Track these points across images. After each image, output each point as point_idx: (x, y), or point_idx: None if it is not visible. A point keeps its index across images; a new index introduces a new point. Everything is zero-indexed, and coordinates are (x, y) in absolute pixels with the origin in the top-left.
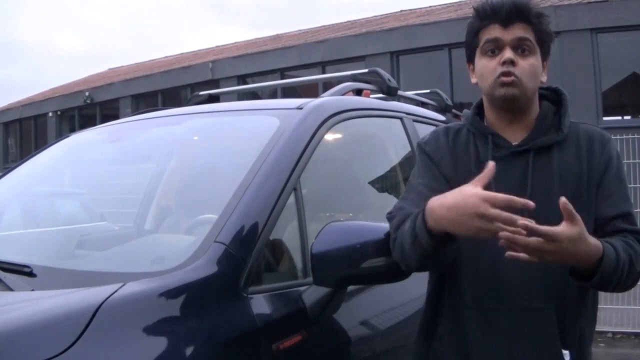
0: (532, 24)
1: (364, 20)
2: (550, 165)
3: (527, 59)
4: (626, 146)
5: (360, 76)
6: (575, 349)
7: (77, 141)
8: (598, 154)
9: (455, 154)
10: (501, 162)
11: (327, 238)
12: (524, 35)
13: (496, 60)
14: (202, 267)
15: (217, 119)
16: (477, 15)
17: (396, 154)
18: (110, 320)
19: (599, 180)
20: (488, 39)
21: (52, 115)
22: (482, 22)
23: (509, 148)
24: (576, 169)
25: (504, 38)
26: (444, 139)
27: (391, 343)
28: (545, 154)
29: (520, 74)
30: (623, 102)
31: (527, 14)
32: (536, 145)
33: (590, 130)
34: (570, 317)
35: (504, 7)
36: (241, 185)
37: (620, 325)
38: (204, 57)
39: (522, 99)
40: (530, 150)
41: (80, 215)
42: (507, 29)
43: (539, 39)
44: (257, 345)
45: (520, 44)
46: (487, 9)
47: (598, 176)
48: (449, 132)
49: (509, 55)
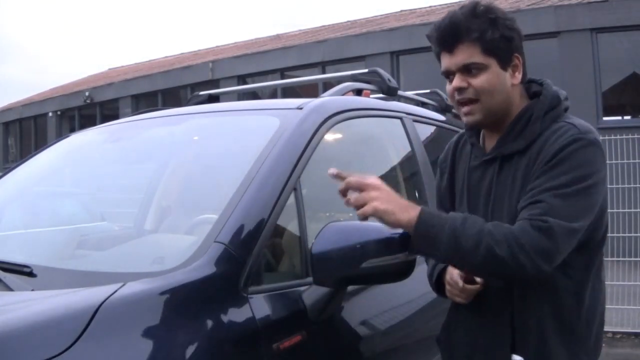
0: (476, 40)
1: (364, 20)
2: (512, 171)
3: (479, 77)
4: (626, 146)
5: (360, 76)
6: (532, 356)
7: (77, 141)
8: (546, 153)
9: (459, 161)
10: (478, 170)
11: (327, 238)
12: (467, 61)
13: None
14: (202, 267)
15: (217, 119)
16: (431, 42)
17: (396, 154)
18: (110, 321)
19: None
20: (442, 69)
21: (52, 115)
22: (436, 49)
23: (482, 157)
24: (526, 171)
25: (451, 67)
26: (452, 148)
27: (391, 343)
28: (510, 161)
29: (476, 94)
30: (623, 102)
31: (465, 34)
32: (500, 154)
33: (558, 130)
34: (529, 321)
35: (441, 33)
36: (241, 185)
37: (620, 325)
38: (204, 57)
39: (488, 119)
40: (497, 158)
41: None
42: (453, 55)
43: (489, 48)
44: (257, 345)
45: (467, 68)
46: (432, 36)
47: (536, 173)
48: (460, 139)
49: (455, 84)
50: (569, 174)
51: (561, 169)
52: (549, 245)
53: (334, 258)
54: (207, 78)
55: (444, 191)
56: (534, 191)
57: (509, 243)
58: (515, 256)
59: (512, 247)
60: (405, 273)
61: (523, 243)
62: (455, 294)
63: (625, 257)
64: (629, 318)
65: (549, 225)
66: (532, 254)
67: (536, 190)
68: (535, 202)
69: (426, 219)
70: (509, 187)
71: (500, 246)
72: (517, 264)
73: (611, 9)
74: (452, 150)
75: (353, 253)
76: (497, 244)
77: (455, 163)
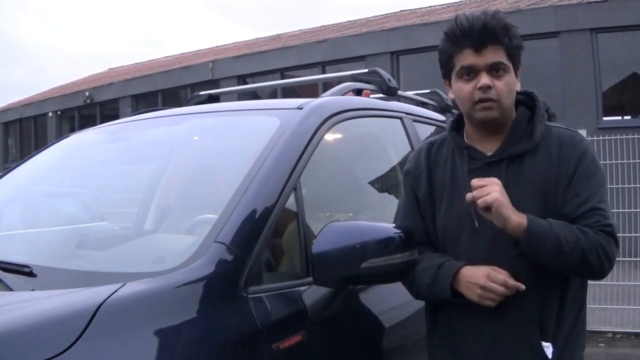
0: (503, 44)
1: (364, 20)
2: (522, 173)
3: (503, 79)
4: (626, 146)
5: (360, 76)
6: (559, 343)
7: (77, 141)
8: (567, 158)
9: (435, 169)
10: (477, 173)
11: (327, 238)
12: (497, 60)
13: (472, 84)
14: (202, 267)
15: (217, 119)
16: (448, 40)
17: (396, 154)
18: (111, 321)
19: (567, 182)
20: (463, 65)
21: (52, 115)
22: (455, 47)
23: (484, 159)
24: (546, 174)
25: (478, 64)
26: (424, 156)
27: (391, 343)
28: (518, 162)
29: (497, 95)
30: (623, 102)
31: (498, 36)
32: (508, 155)
33: (561, 135)
34: (551, 311)
35: (474, 32)
36: (241, 185)
37: (620, 325)
38: (204, 57)
39: (501, 118)
40: (503, 160)
41: (80, 215)
42: (480, 53)
43: (510, 54)
44: (257, 345)
45: (495, 67)
46: (457, 34)
47: (567, 179)
48: (432, 146)
49: (485, 82)
50: (599, 177)
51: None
52: (616, 249)
53: (334, 258)
54: (207, 78)
55: (423, 197)
56: (580, 197)
57: (598, 251)
58: (601, 262)
59: (599, 255)
60: (405, 273)
61: (607, 251)
62: (490, 297)
63: (625, 257)
64: (629, 318)
65: (613, 229)
66: (612, 261)
67: (584, 197)
68: (594, 209)
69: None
70: (518, 187)
71: (591, 254)
72: (600, 267)
73: (611, 9)
74: (425, 157)
75: (353, 253)
76: (590, 252)
77: (430, 169)
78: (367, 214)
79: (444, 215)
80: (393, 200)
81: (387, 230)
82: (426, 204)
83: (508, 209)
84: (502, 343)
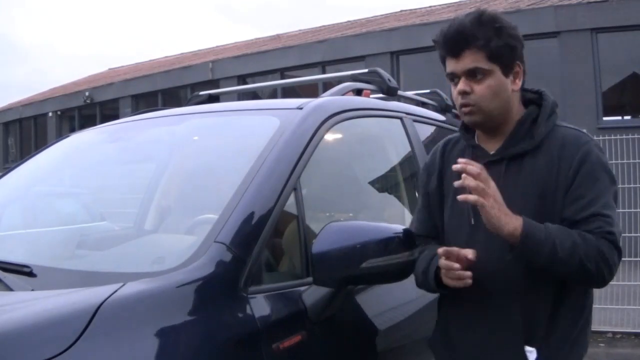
0: (482, 47)
1: (364, 20)
2: (521, 172)
3: (483, 83)
4: (626, 146)
5: (360, 76)
6: (548, 351)
7: (77, 141)
8: (569, 159)
9: (447, 165)
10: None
11: (327, 238)
12: (473, 65)
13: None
14: (202, 267)
15: (217, 119)
16: (436, 47)
17: (396, 154)
18: (111, 321)
19: (568, 184)
20: (446, 72)
21: (52, 115)
22: (443, 53)
23: (486, 158)
24: (546, 174)
25: (456, 71)
26: (440, 152)
27: (391, 343)
28: (518, 162)
29: (476, 100)
30: (623, 102)
31: (472, 41)
32: (508, 154)
33: (566, 135)
34: (541, 316)
35: (448, 40)
36: (241, 185)
37: (620, 325)
38: (204, 57)
39: (487, 122)
40: (504, 159)
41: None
42: (459, 60)
43: (495, 56)
44: (257, 345)
45: (472, 73)
46: (440, 42)
47: (567, 180)
48: (449, 143)
49: (461, 87)
50: (605, 180)
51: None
52: (619, 259)
53: (334, 258)
54: (207, 78)
55: (433, 191)
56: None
57: (596, 259)
58: (600, 270)
59: (598, 262)
60: (405, 273)
61: (608, 259)
62: (452, 276)
63: (625, 257)
64: (629, 318)
65: (616, 237)
66: (613, 270)
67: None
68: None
69: (529, 232)
70: (516, 187)
71: (590, 261)
72: (599, 276)
73: (611, 9)
74: (440, 153)
75: (353, 253)
76: (588, 259)
77: (443, 165)
78: (367, 214)
79: (449, 212)
80: (393, 200)
81: (387, 230)
82: (435, 199)
83: (499, 213)
84: (490, 343)
